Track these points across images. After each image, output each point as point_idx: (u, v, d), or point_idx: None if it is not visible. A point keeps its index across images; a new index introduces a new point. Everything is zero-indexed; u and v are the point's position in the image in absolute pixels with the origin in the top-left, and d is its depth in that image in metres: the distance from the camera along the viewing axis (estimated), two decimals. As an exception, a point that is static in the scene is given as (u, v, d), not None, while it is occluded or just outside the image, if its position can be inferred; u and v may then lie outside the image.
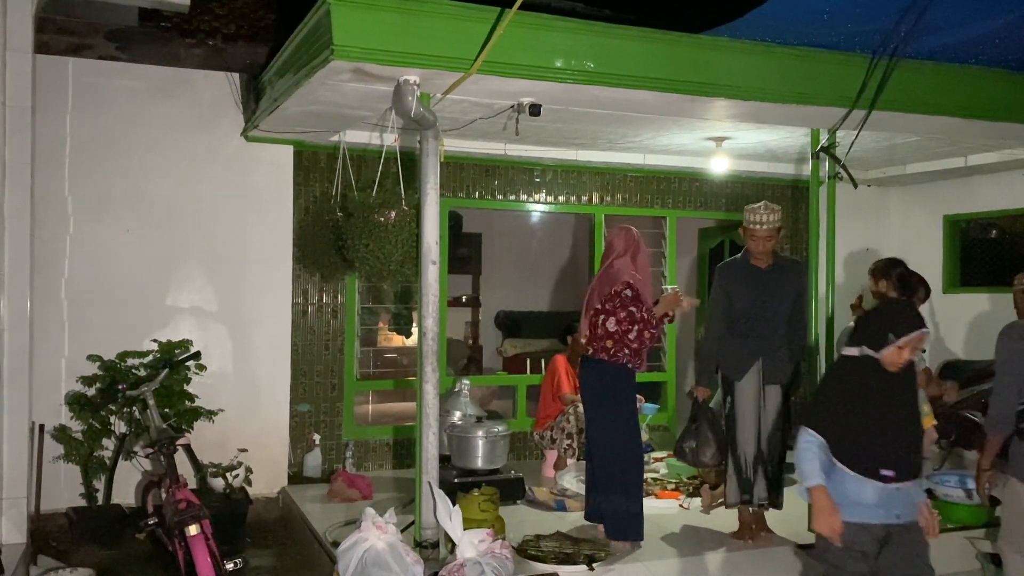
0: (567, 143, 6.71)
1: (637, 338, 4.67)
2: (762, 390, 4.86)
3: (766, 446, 4.86)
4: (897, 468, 3.21)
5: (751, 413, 4.85)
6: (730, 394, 4.91)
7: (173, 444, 4.58)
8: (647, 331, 4.69)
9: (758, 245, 4.86)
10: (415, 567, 4.07)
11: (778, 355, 4.88)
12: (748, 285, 4.89)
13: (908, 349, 3.22)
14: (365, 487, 5.94)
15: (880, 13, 4.50)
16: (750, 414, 4.85)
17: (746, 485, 4.87)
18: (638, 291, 4.71)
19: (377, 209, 4.83)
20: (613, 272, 4.84)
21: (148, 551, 5.10)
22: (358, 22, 3.99)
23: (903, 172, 7.63)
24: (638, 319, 4.68)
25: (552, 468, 6.59)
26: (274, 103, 5.16)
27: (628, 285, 4.72)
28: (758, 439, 4.85)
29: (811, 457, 3.23)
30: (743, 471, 4.86)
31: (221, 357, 6.10)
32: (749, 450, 4.84)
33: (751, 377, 4.85)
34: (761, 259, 4.90)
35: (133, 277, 5.90)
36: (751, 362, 4.85)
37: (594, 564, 4.49)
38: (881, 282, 5.08)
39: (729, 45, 4.75)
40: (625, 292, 4.72)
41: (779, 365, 4.89)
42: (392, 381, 8.33)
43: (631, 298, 4.70)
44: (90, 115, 5.79)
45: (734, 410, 4.88)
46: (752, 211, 4.88)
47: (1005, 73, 5.34)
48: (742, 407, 4.86)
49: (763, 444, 4.85)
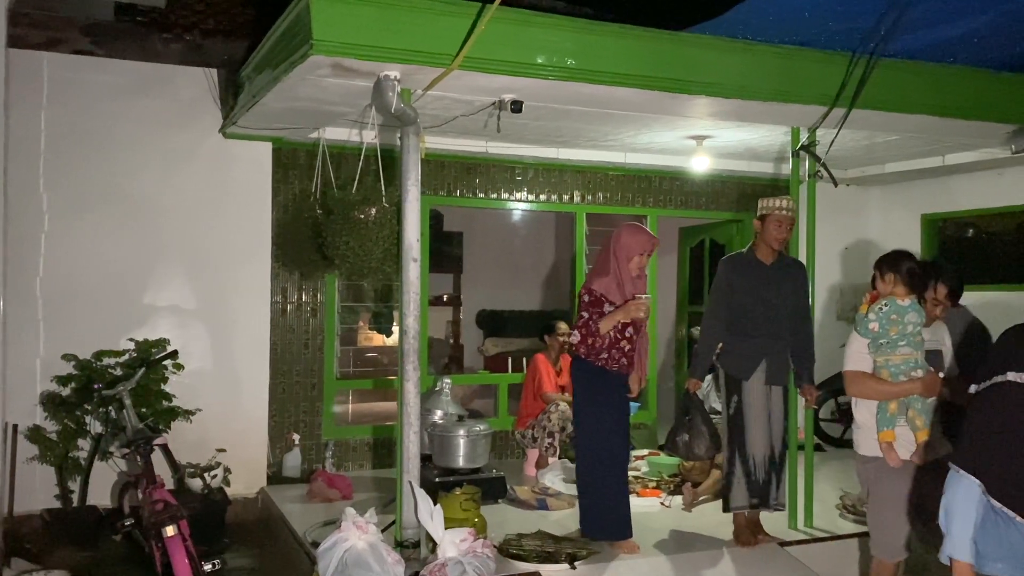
0: (549, 141, 6.70)
1: (581, 343, 4.59)
2: (769, 390, 4.77)
3: (779, 448, 4.79)
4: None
5: (762, 414, 4.73)
6: (736, 394, 4.77)
7: (150, 444, 4.52)
8: (590, 338, 4.56)
9: (780, 231, 4.75)
10: (396, 567, 4.04)
11: (782, 356, 4.80)
12: (754, 281, 4.79)
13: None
14: (345, 487, 5.90)
15: (860, 12, 4.52)
16: (760, 415, 4.73)
17: (755, 488, 4.74)
18: (597, 297, 4.60)
19: (357, 206, 4.79)
20: (588, 275, 4.85)
21: (125, 553, 5.04)
22: (338, 16, 3.95)
23: (882, 171, 7.68)
24: (582, 325, 4.60)
25: (534, 467, 6.57)
26: (253, 99, 5.11)
27: (588, 290, 4.66)
28: (770, 440, 4.75)
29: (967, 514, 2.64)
30: (752, 473, 4.73)
31: (199, 356, 6.03)
32: (759, 452, 4.73)
33: (758, 376, 4.74)
34: (768, 254, 4.82)
35: (110, 275, 5.83)
36: (758, 361, 4.75)
37: (576, 563, 4.48)
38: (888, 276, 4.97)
39: (710, 42, 4.76)
40: (584, 297, 4.67)
41: (783, 366, 4.82)
42: (372, 380, 8.29)
43: (586, 303, 4.63)
44: (66, 110, 5.71)
45: (742, 410, 4.74)
46: (772, 197, 4.83)
47: (983, 73, 5.39)
48: (752, 408, 4.73)
49: (776, 445, 4.77)
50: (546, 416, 6.47)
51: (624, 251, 4.64)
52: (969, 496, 2.62)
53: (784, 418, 4.87)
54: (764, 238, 4.81)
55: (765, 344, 4.75)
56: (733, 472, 4.78)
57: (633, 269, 4.64)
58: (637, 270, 4.65)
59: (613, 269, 4.63)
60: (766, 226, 4.79)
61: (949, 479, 2.70)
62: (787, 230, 4.78)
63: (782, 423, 4.85)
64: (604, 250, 4.77)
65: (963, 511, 2.63)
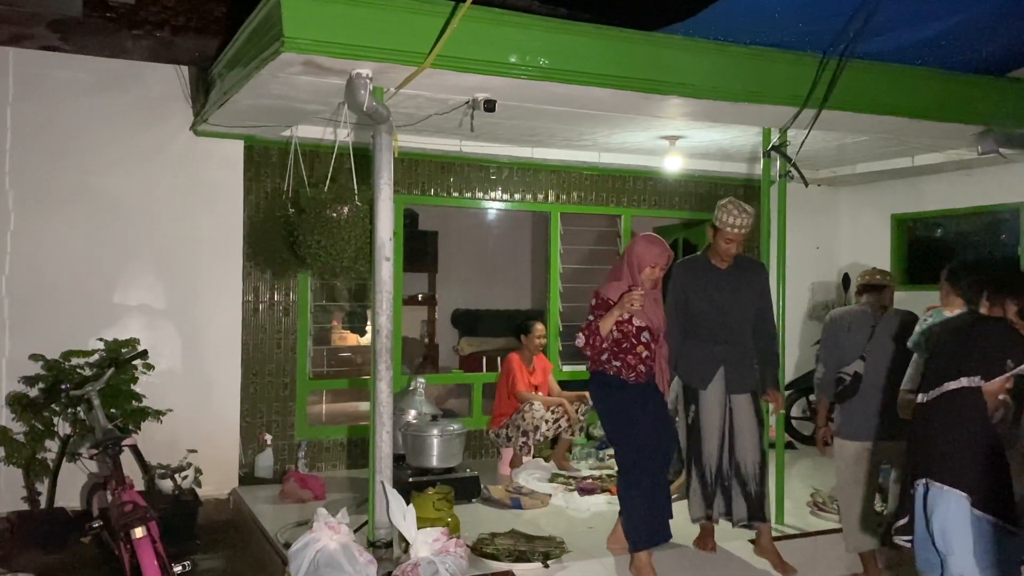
0: (523, 141, 6.71)
1: (586, 344, 4.42)
2: (727, 399, 4.62)
3: (744, 459, 4.61)
4: None
5: (716, 424, 4.60)
6: (694, 403, 4.65)
7: (118, 444, 4.46)
8: (591, 337, 4.39)
9: (729, 248, 4.60)
10: (368, 567, 4.02)
11: (744, 362, 4.65)
12: (708, 285, 4.66)
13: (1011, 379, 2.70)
14: (318, 487, 5.86)
15: (829, 14, 4.57)
16: (715, 425, 4.59)
17: (710, 499, 4.63)
18: (603, 300, 4.44)
19: (329, 205, 4.76)
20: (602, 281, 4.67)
21: (93, 555, 4.96)
22: (309, 13, 3.93)
23: (853, 172, 7.78)
24: (585, 327, 4.45)
25: (508, 466, 6.58)
26: (224, 96, 5.06)
27: (596, 294, 4.49)
28: (721, 452, 4.61)
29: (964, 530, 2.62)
30: (709, 485, 4.62)
31: (170, 356, 5.97)
32: (712, 464, 4.61)
33: (716, 385, 4.60)
34: (723, 259, 4.68)
35: (78, 274, 5.75)
36: (715, 369, 4.60)
37: (549, 562, 4.49)
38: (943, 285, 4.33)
39: (683, 43, 4.78)
40: (592, 301, 4.51)
41: (745, 372, 4.65)
42: (346, 380, 8.25)
43: (592, 307, 4.48)
44: (33, 107, 5.63)
45: (698, 421, 4.62)
46: (726, 211, 4.55)
47: (950, 75, 5.47)
48: (707, 418, 4.60)
49: (737, 457, 4.61)
50: (520, 415, 6.47)
51: (638, 261, 4.45)
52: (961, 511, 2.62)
53: (758, 426, 4.66)
54: (715, 247, 4.69)
55: (722, 351, 4.62)
56: (690, 483, 4.70)
57: (646, 281, 4.43)
58: (650, 282, 4.45)
59: (626, 277, 4.46)
60: (716, 238, 4.64)
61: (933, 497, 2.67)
62: (737, 246, 4.62)
63: (754, 433, 4.64)
64: (621, 258, 4.62)
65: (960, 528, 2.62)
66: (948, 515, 2.64)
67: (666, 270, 4.54)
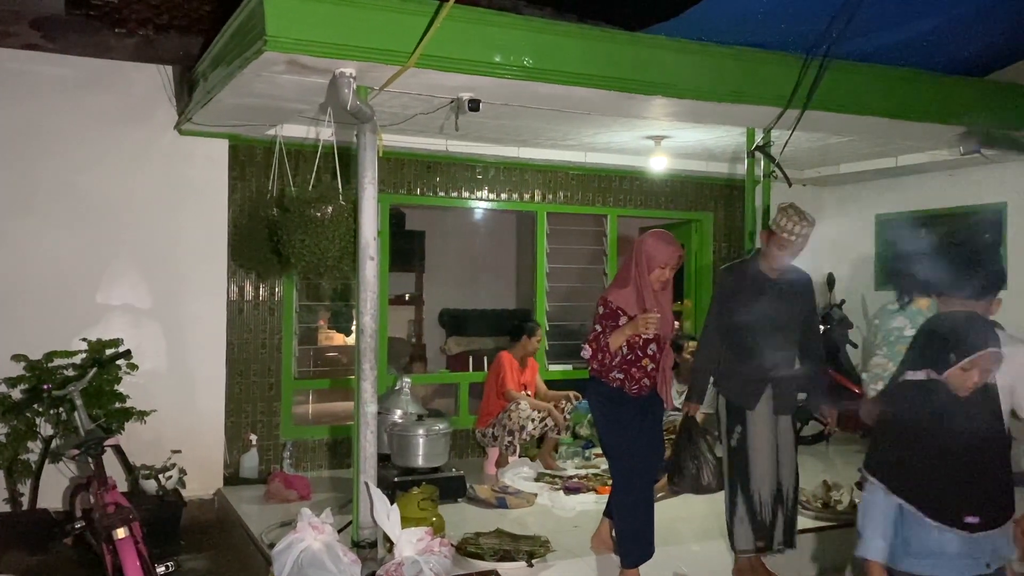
0: (509, 140, 6.71)
1: (593, 358, 4.20)
2: (775, 420, 4.33)
3: (786, 484, 4.36)
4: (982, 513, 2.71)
5: (767, 447, 4.28)
6: (740, 423, 4.31)
7: (101, 445, 4.43)
8: (600, 353, 4.16)
9: (782, 256, 4.29)
10: (352, 567, 4.03)
11: (790, 381, 4.34)
12: (757, 296, 4.29)
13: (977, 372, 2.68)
14: (303, 488, 5.85)
15: (812, 14, 4.61)
16: (767, 448, 4.28)
17: (762, 529, 4.32)
18: (612, 310, 4.19)
19: (313, 204, 4.75)
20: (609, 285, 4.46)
21: (76, 556, 4.94)
22: (292, 12, 3.91)
23: (836, 172, 7.82)
24: (593, 339, 4.21)
25: (494, 465, 6.58)
26: (208, 95, 5.04)
27: (604, 301, 4.24)
28: (776, 477, 4.32)
29: (875, 516, 2.74)
30: (758, 513, 4.30)
31: (154, 356, 5.94)
32: (766, 490, 4.29)
33: (764, 406, 4.29)
34: (774, 268, 4.37)
35: (61, 274, 5.71)
36: (763, 388, 4.29)
37: (533, 561, 4.49)
38: None
39: (667, 43, 4.79)
40: (599, 308, 4.26)
41: (790, 393, 4.36)
42: (332, 380, 8.23)
43: (600, 315, 4.23)
44: (14, 105, 5.59)
45: (746, 443, 4.28)
46: (787, 216, 4.23)
47: (933, 76, 5.51)
48: (757, 440, 4.28)
49: (784, 482, 4.35)
50: (507, 415, 6.48)
51: (647, 261, 4.17)
52: (876, 499, 2.77)
53: (794, 450, 4.41)
54: (766, 253, 4.37)
55: (771, 367, 4.28)
56: (735, 511, 4.35)
57: (655, 282, 4.17)
58: (659, 283, 4.19)
59: (634, 279, 4.19)
60: (770, 243, 4.32)
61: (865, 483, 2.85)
62: (791, 255, 4.31)
63: (792, 456, 4.40)
64: (627, 258, 4.33)
65: (872, 513, 2.79)
66: (866, 500, 2.83)
67: (676, 270, 4.29)
